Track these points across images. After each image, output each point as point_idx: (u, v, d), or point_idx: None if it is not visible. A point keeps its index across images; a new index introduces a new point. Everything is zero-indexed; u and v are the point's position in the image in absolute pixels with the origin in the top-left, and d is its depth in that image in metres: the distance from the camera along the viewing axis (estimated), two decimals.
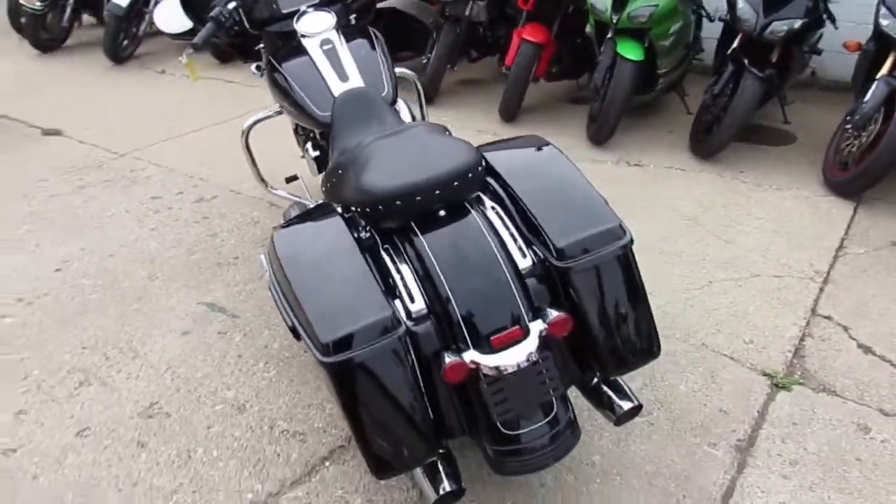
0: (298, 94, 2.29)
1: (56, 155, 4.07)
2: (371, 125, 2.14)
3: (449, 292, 1.53)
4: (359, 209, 1.66)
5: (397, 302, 1.55)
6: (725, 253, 2.88)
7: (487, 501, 1.80)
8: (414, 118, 2.59)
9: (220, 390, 2.18)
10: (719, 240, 2.98)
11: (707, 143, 3.70)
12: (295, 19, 2.40)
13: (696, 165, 3.68)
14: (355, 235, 1.65)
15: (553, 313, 1.53)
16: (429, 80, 4.68)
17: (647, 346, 1.65)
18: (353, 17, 2.69)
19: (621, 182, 3.54)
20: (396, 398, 1.48)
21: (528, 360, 1.49)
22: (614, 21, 3.68)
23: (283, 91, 2.36)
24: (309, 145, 2.59)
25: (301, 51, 2.35)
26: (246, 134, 2.77)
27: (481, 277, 1.56)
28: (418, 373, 1.51)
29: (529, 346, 1.49)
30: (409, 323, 1.53)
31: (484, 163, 1.73)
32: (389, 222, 1.66)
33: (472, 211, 1.67)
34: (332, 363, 1.43)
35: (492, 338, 1.49)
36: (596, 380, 1.71)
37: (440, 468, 1.57)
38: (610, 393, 1.70)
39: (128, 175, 3.77)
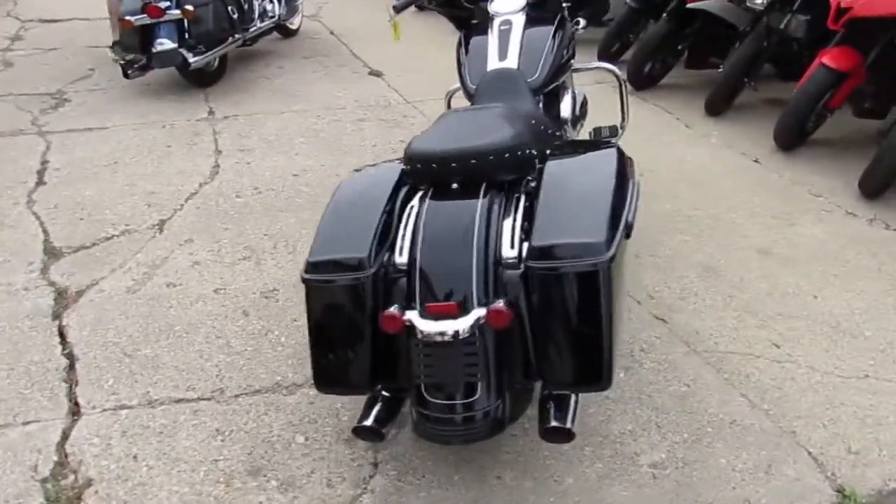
0: (464, 67, 2.50)
1: (365, 91, 4.86)
2: (497, 97, 2.26)
3: (418, 255, 1.65)
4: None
5: (393, 253, 1.71)
6: None
7: (439, 473, 1.86)
8: (579, 111, 2.58)
9: None
10: None
11: None
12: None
13: None
14: (404, 189, 1.85)
15: (498, 304, 1.55)
16: (716, 90, 4.36)
17: (589, 373, 1.56)
18: (565, 4, 2.76)
19: (856, 242, 2.98)
20: (344, 329, 1.67)
21: (454, 336, 1.54)
22: None
23: (458, 62, 2.59)
24: None
25: (485, 28, 2.54)
26: (448, 98, 3.06)
27: (450, 252, 1.64)
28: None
29: (461, 324, 1.54)
30: (393, 272, 1.69)
31: (520, 152, 1.76)
32: (417, 182, 1.82)
33: (486, 192, 1.72)
34: (304, 279, 1.69)
35: (428, 304, 1.58)
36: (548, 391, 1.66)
37: (376, 406, 1.72)
38: (551, 405, 1.64)
39: (399, 119, 4.37)
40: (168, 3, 4.44)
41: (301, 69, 5.30)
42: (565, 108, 2.53)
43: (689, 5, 4.46)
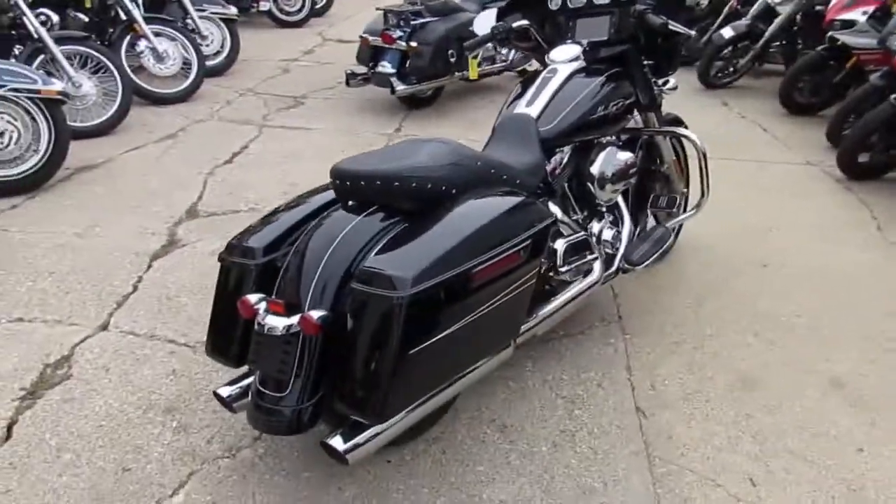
0: (503, 105, 2.56)
1: None
2: (500, 142, 2.31)
3: (290, 258, 1.82)
4: None
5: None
6: None
7: (296, 466, 1.98)
8: (613, 172, 2.41)
9: None
10: None
11: None
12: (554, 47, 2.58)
13: None
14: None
15: (312, 313, 1.65)
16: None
17: (361, 400, 1.58)
18: (648, 62, 2.61)
19: None
20: (231, 307, 1.90)
21: (273, 332, 1.68)
22: None
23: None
24: None
25: (538, 75, 2.55)
26: None
27: (307, 259, 1.78)
28: None
29: (282, 322, 1.68)
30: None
31: (415, 183, 1.81)
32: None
33: (371, 213, 1.82)
34: (219, 256, 1.97)
35: (270, 300, 1.74)
36: None
37: (243, 381, 1.92)
38: (347, 423, 1.67)
39: None
40: (401, 35, 5.05)
41: None
42: (595, 166, 2.41)
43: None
